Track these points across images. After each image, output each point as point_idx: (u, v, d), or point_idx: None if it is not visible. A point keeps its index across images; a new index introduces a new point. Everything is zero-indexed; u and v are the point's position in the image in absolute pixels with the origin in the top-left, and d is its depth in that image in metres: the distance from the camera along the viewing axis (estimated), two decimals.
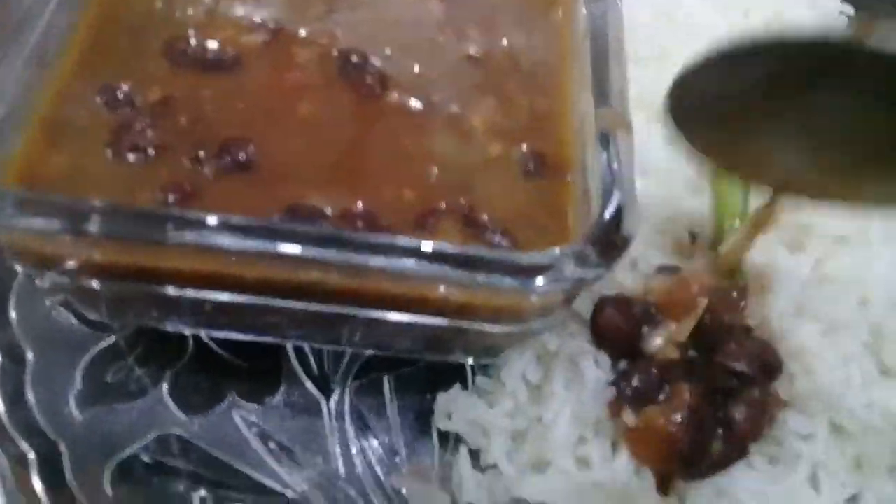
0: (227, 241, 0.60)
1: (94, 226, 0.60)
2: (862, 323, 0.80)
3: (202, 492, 0.77)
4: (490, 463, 0.79)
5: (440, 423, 0.82)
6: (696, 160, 0.65)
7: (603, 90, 0.71)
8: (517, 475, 0.76)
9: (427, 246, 0.61)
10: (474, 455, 0.80)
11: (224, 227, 0.60)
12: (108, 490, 0.76)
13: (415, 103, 0.77)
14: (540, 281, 0.61)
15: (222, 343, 0.85)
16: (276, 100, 0.76)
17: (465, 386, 0.83)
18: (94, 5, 0.78)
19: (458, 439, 0.81)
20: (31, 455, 0.75)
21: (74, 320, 0.84)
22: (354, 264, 0.61)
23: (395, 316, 0.70)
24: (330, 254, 0.61)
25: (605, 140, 0.68)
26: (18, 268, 0.82)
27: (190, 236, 0.60)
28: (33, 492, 0.74)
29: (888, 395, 0.77)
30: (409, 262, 0.61)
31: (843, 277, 0.81)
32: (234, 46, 0.78)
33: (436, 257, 0.61)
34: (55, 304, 0.85)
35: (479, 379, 0.82)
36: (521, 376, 0.79)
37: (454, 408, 0.81)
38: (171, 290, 0.69)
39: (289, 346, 0.86)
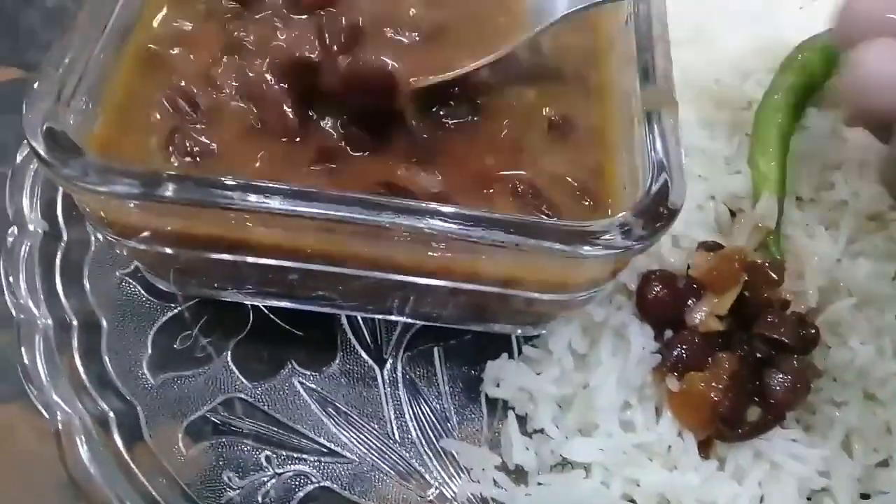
0: (281, 205, 0.64)
1: (167, 191, 0.64)
2: (894, 297, 0.83)
3: (267, 451, 0.82)
4: (537, 428, 0.83)
5: (489, 390, 0.86)
6: None
7: (648, 69, 0.74)
8: (563, 438, 0.81)
9: (479, 212, 0.65)
10: (521, 420, 0.85)
11: (281, 192, 0.64)
12: (182, 447, 0.81)
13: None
14: (588, 249, 0.65)
15: (281, 314, 0.89)
16: None
17: (511, 356, 0.87)
18: None
19: (506, 405, 0.86)
20: (111, 414, 0.80)
21: (143, 291, 0.90)
22: (413, 229, 0.65)
23: (446, 284, 0.74)
24: (388, 218, 0.64)
25: (651, 117, 0.72)
26: (99, 236, 0.88)
27: (252, 201, 0.64)
28: (116, 448, 0.79)
29: None
30: (464, 228, 0.64)
31: (875, 253, 0.85)
32: None
33: (489, 222, 0.65)
34: (125, 277, 0.90)
35: (527, 348, 0.86)
36: (567, 345, 0.83)
37: (502, 375, 0.85)
38: (232, 257, 0.73)
39: (343, 319, 0.90)
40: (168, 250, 0.75)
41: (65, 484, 0.78)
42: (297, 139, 0.75)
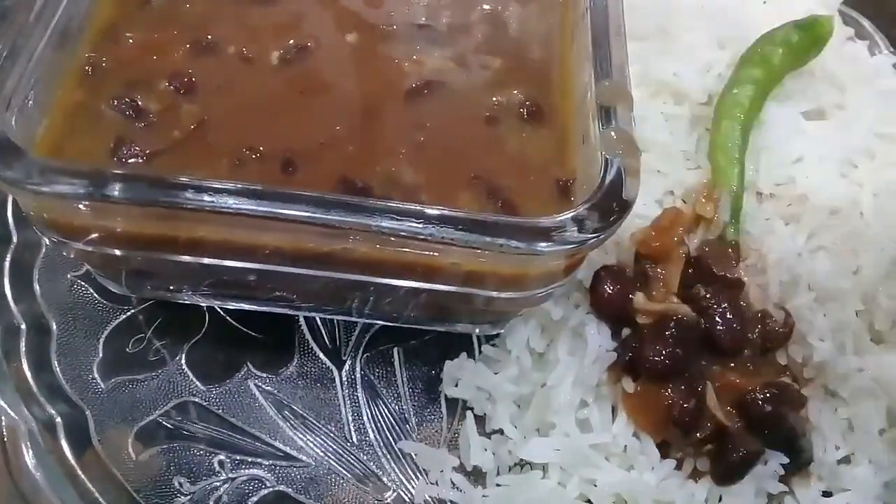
0: (237, 203, 0.63)
1: (113, 190, 0.63)
2: (854, 292, 0.83)
3: (220, 456, 0.80)
4: (495, 428, 0.82)
5: (448, 390, 0.85)
6: None
7: (604, 63, 0.73)
8: (521, 438, 0.80)
9: (434, 210, 0.64)
10: (480, 421, 0.83)
11: (234, 192, 0.63)
12: (132, 453, 0.79)
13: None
14: (543, 245, 0.64)
15: (237, 317, 0.88)
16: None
17: (471, 356, 0.86)
18: None
19: (465, 406, 0.85)
20: (58, 419, 0.78)
21: (95, 294, 0.88)
22: (365, 228, 0.64)
23: (404, 283, 0.73)
24: (341, 217, 0.63)
25: (606, 111, 0.71)
26: (46, 240, 0.86)
27: (203, 199, 0.63)
28: (62, 454, 0.77)
29: (879, 361, 0.80)
30: (419, 226, 0.63)
31: (836, 248, 0.84)
32: None
33: (444, 220, 0.63)
34: (76, 279, 0.88)
35: (486, 348, 0.85)
36: (525, 344, 0.82)
37: (461, 375, 0.84)
38: (186, 258, 0.72)
39: (301, 320, 0.89)
40: (116, 252, 0.73)
41: (10, 493, 0.76)
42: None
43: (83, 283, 0.88)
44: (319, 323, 0.89)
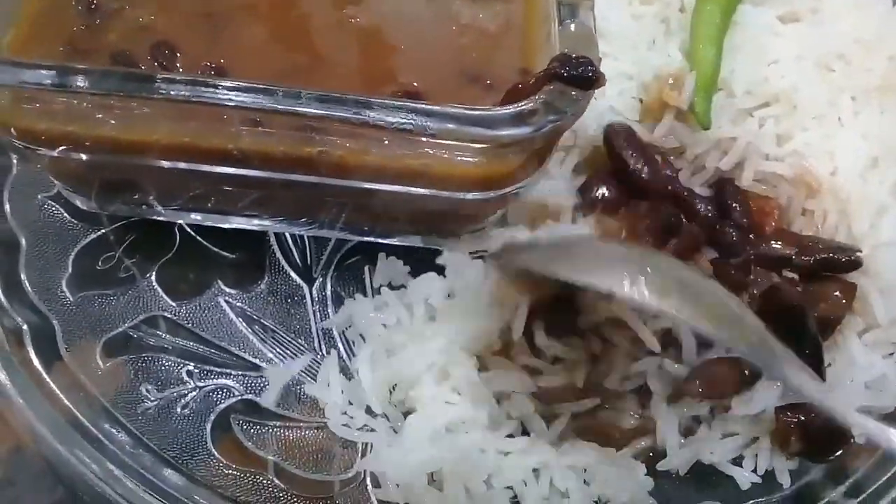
0: (202, 93, 0.64)
1: (81, 81, 0.63)
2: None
3: (189, 366, 0.81)
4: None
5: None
6: None
7: None
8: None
9: (408, 103, 0.65)
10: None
11: (198, 83, 0.64)
12: (101, 362, 0.79)
13: None
14: (523, 129, 0.65)
15: (208, 236, 0.88)
16: None
17: (441, 273, 0.85)
18: None
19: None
20: (25, 327, 0.79)
21: (66, 214, 0.88)
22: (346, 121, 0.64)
23: (377, 186, 0.73)
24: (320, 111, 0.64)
25: (567, 10, 0.72)
26: (14, 157, 0.86)
27: (168, 90, 0.63)
28: (31, 363, 0.77)
29: None
30: (394, 118, 0.64)
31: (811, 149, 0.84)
32: None
33: (417, 112, 0.64)
34: (47, 199, 0.88)
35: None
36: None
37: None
38: (155, 162, 0.72)
39: (273, 240, 0.89)
40: (83, 157, 0.74)
41: None
42: None
43: (54, 204, 0.88)
44: (291, 242, 0.89)
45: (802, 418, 0.76)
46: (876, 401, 0.78)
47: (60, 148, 0.72)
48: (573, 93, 0.65)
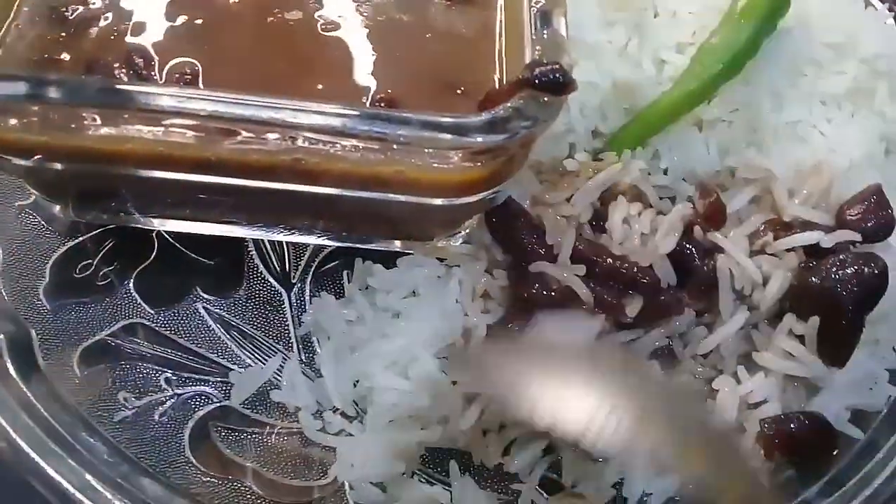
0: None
1: (53, 92, 0.63)
2: None
3: (167, 373, 0.81)
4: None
5: None
6: None
7: None
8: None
9: (376, 110, 0.65)
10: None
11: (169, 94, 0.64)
12: (78, 371, 0.79)
13: None
14: (498, 136, 0.65)
15: (186, 243, 0.88)
16: None
17: None
18: None
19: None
20: (2, 336, 0.78)
21: (43, 223, 0.88)
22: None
23: (352, 193, 0.73)
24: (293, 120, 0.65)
25: (540, 16, 0.72)
26: None
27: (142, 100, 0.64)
28: (7, 373, 0.77)
29: None
30: (363, 125, 0.65)
31: None
32: None
33: (388, 120, 0.65)
34: (24, 208, 0.88)
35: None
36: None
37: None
38: (130, 171, 0.72)
39: (251, 246, 0.89)
40: (58, 166, 0.74)
41: None
42: None
43: (31, 212, 0.88)
44: (269, 248, 0.89)
45: (787, 430, 0.77)
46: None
47: (35, 157, 0.72)
48: (545, 99, 0.66)
